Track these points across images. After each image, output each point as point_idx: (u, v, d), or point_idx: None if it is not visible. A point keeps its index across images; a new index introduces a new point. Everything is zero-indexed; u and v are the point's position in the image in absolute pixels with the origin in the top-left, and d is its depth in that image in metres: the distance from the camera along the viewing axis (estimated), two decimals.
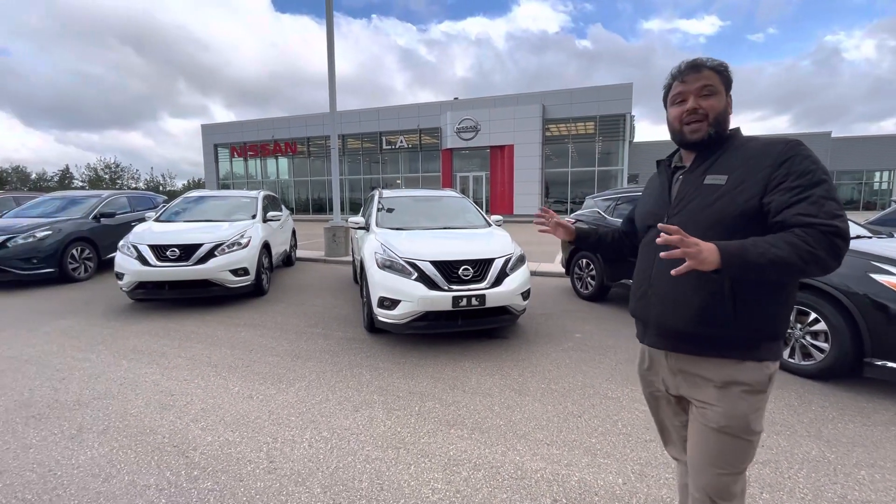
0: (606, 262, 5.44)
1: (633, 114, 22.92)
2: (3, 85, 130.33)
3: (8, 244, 6.47)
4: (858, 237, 3.77)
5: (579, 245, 1.76)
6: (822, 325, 3.14)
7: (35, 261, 6.61)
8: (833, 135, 27.70)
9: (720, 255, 1.03)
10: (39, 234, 6.74)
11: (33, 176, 49.35)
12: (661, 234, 1.06)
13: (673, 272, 1.06)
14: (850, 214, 6.25)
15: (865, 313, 2.93)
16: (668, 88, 1.33)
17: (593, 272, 5.69)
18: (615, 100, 22.05)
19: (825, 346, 3.13)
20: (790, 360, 3.35)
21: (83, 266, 7.28)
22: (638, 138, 30.65)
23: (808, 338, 3.25)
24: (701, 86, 1.23)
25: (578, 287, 5.98)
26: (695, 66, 1.25)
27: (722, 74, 1.25)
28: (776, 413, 2.76)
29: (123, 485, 2.09)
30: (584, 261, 5.87)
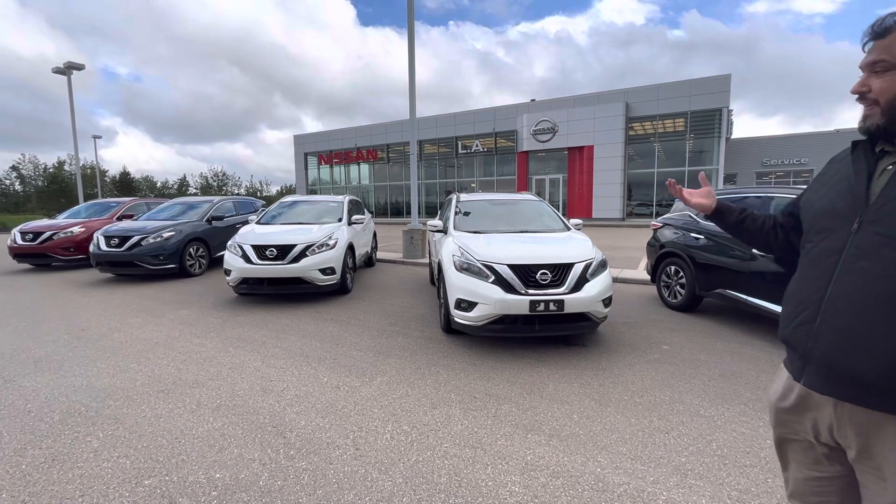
0: (699, 270, 5.04)
1: (730, 108, 20.92)
2: (137, 107, 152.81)
3: (142, 243, 7.58)
4: None
5: (716, 220, 1.46)
6: None
7: (161, 257, 7.66)
8: None
9: None
10: (165, 235, 7.81)
11: (158, 184, 57.17)
12: None
13: None
14: None
15: None
16: None
17: (683, 280, 5.29)
18: (710, 93, 20.29)
19: None
20: None
21: (197, 263, 8.28)
22: (737, 134, 27.96)
23: None
24: (872, 60, 0.96)
25: (665, 296, 5.60)
26: (878, 31, 0.95)
27: None
28: None
29: (233, 457, 2.36)
30: (673, 268, 5.48)
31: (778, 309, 3.98)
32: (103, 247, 7.65)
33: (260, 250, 5.83)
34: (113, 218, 10.07)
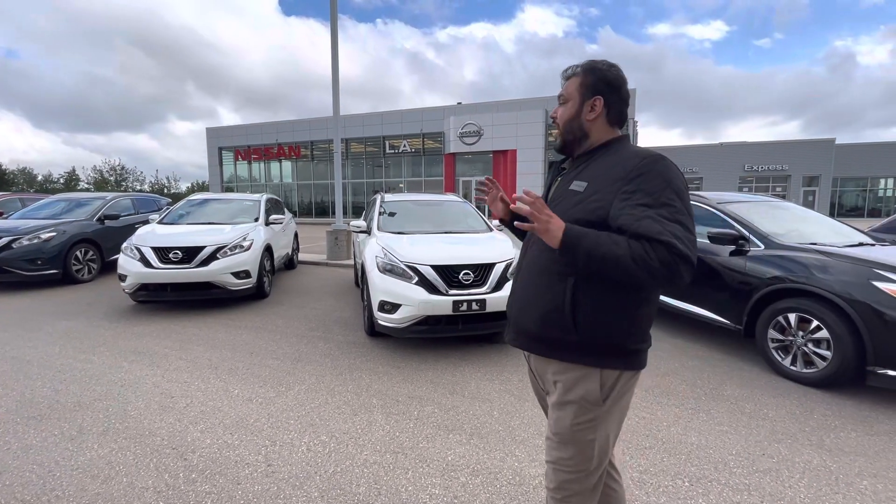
0: None
1: (636, 119, 22.92)
2: (12, 87, 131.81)
3: (13, 245, 6.51)
4: (861, 244, 3.75)
5: (510, 226, 1.61)
6: (824, 333, 3.13)
7: (39, 262, 6.65)
8: (838, 141, 27.63)
9: (563, 234, 1.07)
10: (44, 236, 6.79)
11: (39, 178, 49.83)
12: (519, 201, 1.12)
13: (516, 224, 1.19)
14: (854, 222, 6.14)
15: (868, 321, 2.91)
16: None
17: None
18: None
19: (827, 353, 3.12)
20: (792, 367, 3.33)
21: (87, 268, 7.32)
22: (643, 143, 30.66)
23: (810, 345, 3.23)
24: (558, 95, 1.29)
25: None
26: (563, 75, 1.30)
27: (586, 76, 1.24)
28: (777, 422, 2.74)
29: (122, 487, 2.09)
30: None
31: (678, 304, 4.40)
32: None
33: (162, 253, 5.29)
34: None
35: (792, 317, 3.33)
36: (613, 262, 1.04)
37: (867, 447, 2.47)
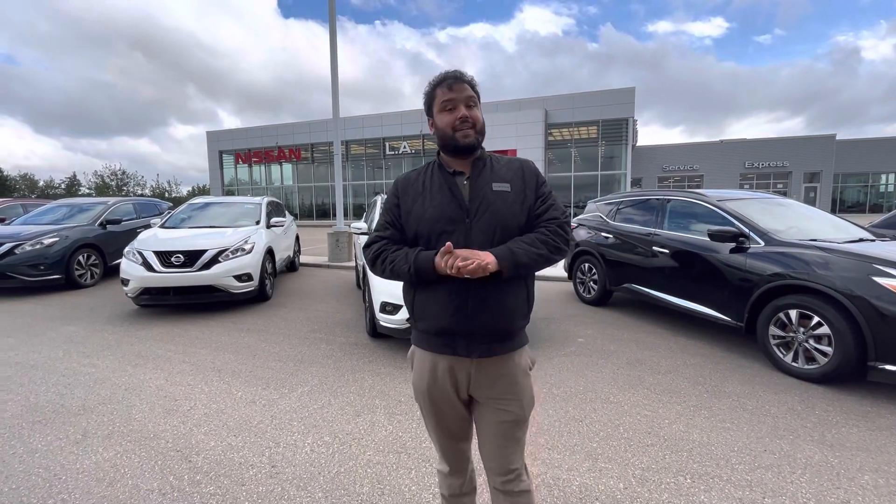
0: (609, 267, 5.44)
1: (635, 118, 22.92)
2: (13, 93, 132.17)
3: (16, 251, 6.55)
4: (862, 240, 3.76)
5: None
6: (825, 329, 3.13)
7: (42, 267, 6.69)
8: (840, 137, 27.59)
9: (497, 260, 1.20)
10: (46, 241, 6.83)
11: (41, 183, 49.94)
12: (455, 260, 1.18)
13: (466, 273, 1.18)
14: (855, 217, 6.15)
15: (868, 316, 2.91)
16: (430, 96, 1.36)
17: (595, 276, 5.68)
18: (617, 104, 22.06)
19: (828, 349, 3.12)
20: (794, 363, 3.34)
21: (89, 272, 7.35)
22: (645, 142, 30.64)
23: (811, 341, 3.24)
24: (467, 96, 1.32)
25: (581, 291, 5.97)
26: (459, 78, 1.34)
27: (475, 90, 1.37)
28: (779, 418, 2.75)
29: (127, 489, 2.11)
30: (587, 265, 5.87)
31: (679, 302, 4.41)
32: None
33: (164, 257, 5.31)
34: None
35: (793, 313, 3.34)
36: (541, 259, 1.27)
37: (868, 442, 2.47)
